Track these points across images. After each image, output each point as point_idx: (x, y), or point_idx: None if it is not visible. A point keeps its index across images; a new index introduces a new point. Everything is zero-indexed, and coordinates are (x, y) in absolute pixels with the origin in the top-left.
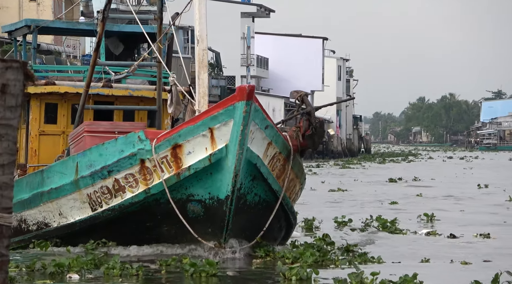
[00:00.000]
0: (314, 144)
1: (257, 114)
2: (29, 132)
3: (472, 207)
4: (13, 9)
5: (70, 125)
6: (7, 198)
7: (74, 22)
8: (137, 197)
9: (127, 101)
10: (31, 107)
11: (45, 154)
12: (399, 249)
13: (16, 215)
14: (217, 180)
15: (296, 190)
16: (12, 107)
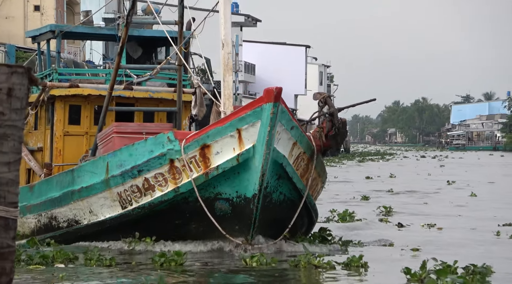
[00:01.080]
0: (337, 144)
1: (283, 116)
2: (53, 133)
3: (437, 200)
4: (19, 18)
5: (93, 126)
6: (13, 193)
7: (96, 27)
8: (166, 195)
9: (147, 103)
10: (55, 109)
11: (69, 154)
12: (349, 236)
13: (46, 213)
14: (244, 179)
15: (318, 188)
16: (18, 110)
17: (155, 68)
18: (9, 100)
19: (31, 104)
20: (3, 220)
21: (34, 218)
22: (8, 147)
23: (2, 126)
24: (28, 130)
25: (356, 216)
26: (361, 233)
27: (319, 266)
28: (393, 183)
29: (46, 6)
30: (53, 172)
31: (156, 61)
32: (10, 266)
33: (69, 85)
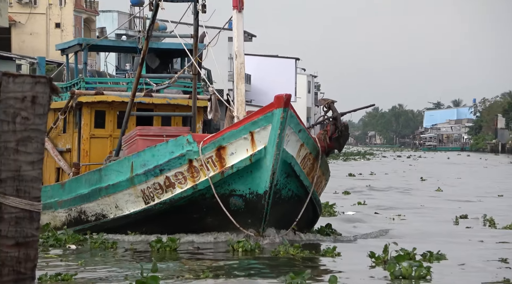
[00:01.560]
0: (340, 146)
1: (292, 120)
2: (81, 135)
3: (409, 195)
4: (42, 34)
5: (116, 129)
6: (36, 189)
7: (119, 41)
8: (185, 192)
9: (165, 108)
10: (83, 114)
11: (95, 155)
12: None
13: (76, 207)
14: (256, 177)
15: (322, 185)
16: (41, 115)
17: (173, 77)
18: (33, 106)
19: (61, 110)
20: (28, 212)
21: (65, 212)
22: (32, 148)
23: (27, 130)
24: (57, 133)
25: (336, 207)
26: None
27: (295, 255)
28: (373, 180)
29: (66, 23)
30: (81, 170)
31: (172, 71)
32: (34, 253)
33: (95, 93)
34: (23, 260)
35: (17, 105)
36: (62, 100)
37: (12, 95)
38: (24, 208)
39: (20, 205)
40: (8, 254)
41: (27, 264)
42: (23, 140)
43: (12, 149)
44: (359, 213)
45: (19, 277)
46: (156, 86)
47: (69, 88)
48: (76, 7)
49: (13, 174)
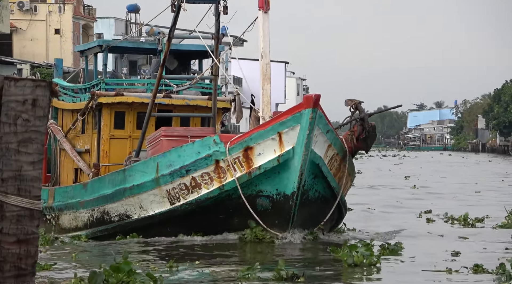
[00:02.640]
0: (367, 146)
1: (320, 120)
2: (100, 136)
3: (390, 191)
4: (42, 40)
5: (135, 130)
6: (37, 188)
7: (139, 42)
8: (212, 192)
9: (183, 109)
10: (102, 115)
11: (114, 155)
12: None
13: (99, 208)
14: (284, 178)
15: (348, 186)
16: (41, 117)
17: (195, 78)
18: (33, 109)
19: (80, 111)
20: (28, 211)
21: (87, 213)
22: (32, 148)
23: (28, 131)
24: (75, 134)
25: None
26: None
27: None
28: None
29: (65, 29)
30: (100, 171)
31: (190, 72)
32: (34, 250)
33: (115, 94)
34: (24, 257)
35: (18, 108)
36: (81, 102)
37: (14, 98)
38: (25, 206)
39: (21, 204)
40: (10, 250)
41: (28, 260)
42: (24, 141)
43: (13, 149)
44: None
45: (20, 273)
46: (177, 88)
47: (88, 90)
48: (75, 14)
49: (15, 173)
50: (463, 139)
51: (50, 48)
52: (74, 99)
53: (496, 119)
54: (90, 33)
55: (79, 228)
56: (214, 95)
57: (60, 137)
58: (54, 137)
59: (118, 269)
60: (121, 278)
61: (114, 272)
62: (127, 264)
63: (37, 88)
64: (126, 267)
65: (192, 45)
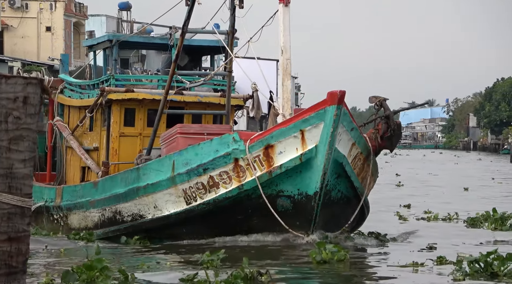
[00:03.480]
0: (392, 145)
1: (345, 118)
2: (110, 134)
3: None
4: (33, 37)
5: (146, 128)
6: (27, 186)
7: (150, 37)
8: (230, 192)
9: (195, 106)
10: (112, 112)
11: (124, 153)
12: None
13: (111, 207)
14: (306, 178)
15: (371, 186)
16: (32, 115)
17: (209, 75)
18: (24, 107)
19: (88, 107)
20: (19, 208)
21: (98, 212)
22: (23, 146)
23: (19, 129)
24: (83, 131)
25: None
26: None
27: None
28: None
29: (56, 27)
30: (110, 169)
31: (201, 68)
32: (25, 248)
33: (125, 90)
34: (14, 254)
35: (9, 106)
36: (89, 98)
37: (4, 96)
38: (15, 204)
39: (12, 201)
40: (0, 248)
41: (19, 258)
42: (15, 139)
43: (4, 147)
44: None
45: (10, 271)
46: (190, 84)
47: (96, 86)
48: (66, 11)
49: (5, 171)
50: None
51: (41, 46)
52: (82, 95)
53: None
54: (82, 30)
55: (89, 228)
56: (228, 92)
57: (67, 135)
58: (60, 134)
59: (91, 266)
60: (94, 275)
61: (87, 269)
62: (99, 261)
63: (28, 85)
64: (99, 265)
65: (204, 40)
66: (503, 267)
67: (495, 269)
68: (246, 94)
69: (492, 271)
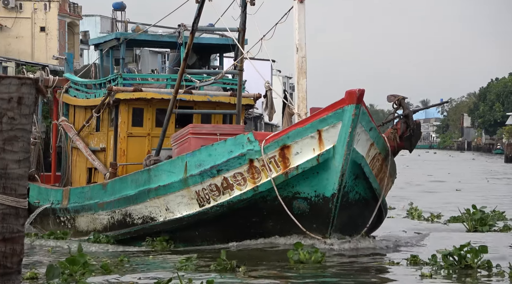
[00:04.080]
0: (411, 146)
1: (364, 117)
2: (118, 134)
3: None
4: (27, 38)
5: (154, 128)
6: (22, 186)
7: (158, 35)
8: (245, 194)
9: (205, 106)
10: (120, 111)
11: (132, 154)
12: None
13: (121, 210)
14: (323, 179)
15: (389, 187)
16: (27, 115)
17: (220, 73)
18: (19, 107)
19: (95, 107)
20: (14, 209)
21: (107, 215)
22: (18, 147)
23: (13, 129)
24: (89, 132)
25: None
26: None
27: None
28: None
29: (50, 27)
30: (118, 170)
31: (210, 67)
32: (20, 248)
33: (133, 89)
34: (9, 255)
35: (3, 106)
36: (96, 98)
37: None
38: (10, 204)
39: (6, 202)
40: None
41: (13, 258)
42: (9, 139)
43: None
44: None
45: (5, 271)
46: (200, 83)
47: (103, 85)
48: (60, 11)
49: (0, 172)
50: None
51: (36, 46)
52: (88, 95)
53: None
54: (76, 31)
55: (98, 230)
56: (239, 91)
57: (73, 135)
58: (65, 135)
59: (74, 261)
60: (77, 270)
61: (70, 264)
62: (82, 256)
63: (23, 86)
64: (82, 259)
65: (213, 38)
66: (477, 259)
67: (468, 261)
68: (256, 93)
69: (466, 264)
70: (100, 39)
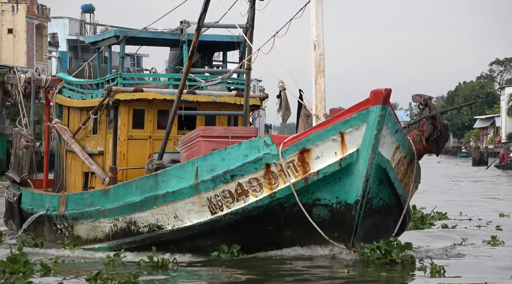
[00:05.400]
0: (438, 148)
1: (390, 118)
2: (118, 137)
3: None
4: None
5: (156, 130)
6: None
7: (159, 32)
8: (261, 201)
9: (209, 107)
10: (119, 113)
11: (133, 158)
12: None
13: (124, 217)
14: (346, 185)
15: (413, 193)
16: None
17: (228, 72)
18: None
19: (92, 109)
20: None
21: (109, 222)
22: None
23: None
24: (85, 134)
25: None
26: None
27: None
28: None
29: (18, 29)
30: (118, 175)
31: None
32: None
33: (133, 90)
34: None
35: None
36: (93, 98)
37: None
38: None
39: None
40: None
41: None
42: None
43: None
44: None
45: None
46: (205, 82)
47: (101, 85)
48: (28, 13)
49: None
50: None
51: (3, 48)
52: (84, 96)
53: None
54: (44, 33)
55: (99, 239)
56: (247, 91)
57: (68, 138)
58: (59, 137)
59: (15, 260)
60: (17, 268)
61: (11, 263)
62: (22, 255)
63: None
64: (22, 258)
65: (217, 35)
66: (401, 254)
67: (393, 256)
68: (262, 93)
69: (391, 258)
70: (98, 36)
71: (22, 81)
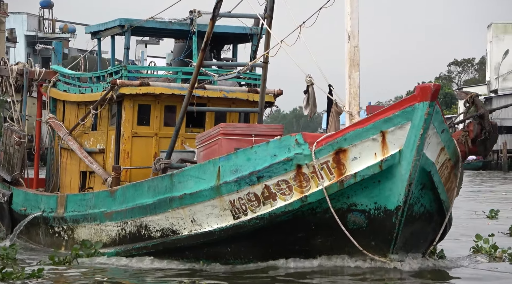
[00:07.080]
0: (486, 150)
1: (436, 117)
2: (121, 134)
3: None
4: None
5: (163, 127)
6: None
7: (167, 22)
8: (291, 205)
9: (219, 103)
10: (124, 108)
11: (137, 156)
12: None
13: (134, 221)
14: (385, 189)
15: (454, 199)
16: None
17: (245, 66)
18: None
19: (93, 103)
20: None
21: (116, 226)
22: None
23: None
24: (83, 131)
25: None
26: None
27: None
28: None
29: None
30: (121, 175)
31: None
32: None
33: (139, 83)
34: None
35: None
36: (93, 92)
37: None
38: None
39: None
40: None
41: None
42: None
43: None
44: None
45: None
46: (219, 77)
47: (102, 78)
48: None
49: None
50: None
51: None
52: (82, 89)
53: None
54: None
55: (104, 244)
56: (263, 87)
57: (64, 135)
58: (53, 134)
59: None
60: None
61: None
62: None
63: None
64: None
65: (228, 27)
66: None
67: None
68: (277, 89)
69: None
70: (100, 26)
71: (14, 73)
